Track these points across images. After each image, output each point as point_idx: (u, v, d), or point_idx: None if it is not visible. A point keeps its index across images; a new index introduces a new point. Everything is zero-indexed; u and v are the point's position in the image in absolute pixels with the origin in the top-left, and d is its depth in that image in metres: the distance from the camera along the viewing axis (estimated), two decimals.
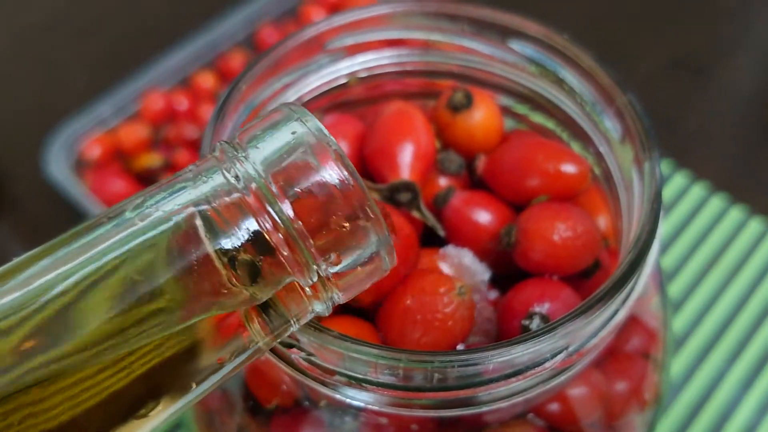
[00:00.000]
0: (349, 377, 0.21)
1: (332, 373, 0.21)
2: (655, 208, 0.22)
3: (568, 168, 0.25)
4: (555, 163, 0.25)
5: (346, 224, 0.17)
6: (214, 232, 0.17)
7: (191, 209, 0.17)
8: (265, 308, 0.18)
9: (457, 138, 0.28)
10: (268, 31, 0.58)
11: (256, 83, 0.25)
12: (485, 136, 0.28)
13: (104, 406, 0.15)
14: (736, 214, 0.46)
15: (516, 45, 0.27)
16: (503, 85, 0.28)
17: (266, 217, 0.17)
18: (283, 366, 0.22)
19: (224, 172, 0.17)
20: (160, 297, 0.16)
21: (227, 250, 0.17)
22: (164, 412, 0.16)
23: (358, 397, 0.21)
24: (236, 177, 0.17)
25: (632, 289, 0.22)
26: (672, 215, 0.46)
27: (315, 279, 0.17)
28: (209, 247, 0.16)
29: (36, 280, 0.15)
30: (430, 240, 0.26)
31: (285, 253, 0.17)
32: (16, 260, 0.16)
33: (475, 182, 0.27)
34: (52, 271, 0.16)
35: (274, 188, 0.17)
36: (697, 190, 0.47)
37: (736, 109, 0.56)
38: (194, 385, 0.17)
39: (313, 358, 0.21)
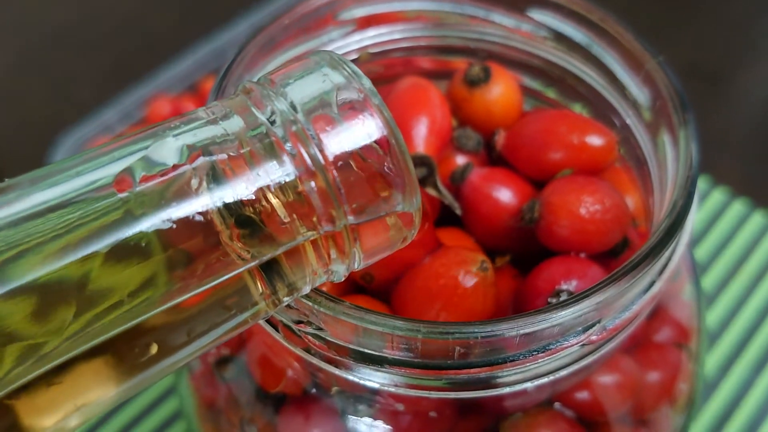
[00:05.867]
0: (363, 354, 0.19)
1: (344, 351, 0.19)
2: (693, 171, 0.20)
3: (594, 140, 0.24)
4: (579, 135, 0.24)
5: (380, 179, 0.16)
6: (222, 179, 0.15)
7: (206, 151, 0.15)
8: (269, 269, 0.16)
9: (474, 114, 0.26)
10: None
11: (261, 55, 0.24)
12: (504, 112, 0.26)
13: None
14: (758, 218, 0.45)
15: (536, 14, 0.25)
16: (522, 59, 0.27)
17: (301, 162, 0.15)
18: (291, 346, 0.20)
19: (255, 110, 0.16)
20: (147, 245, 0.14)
21: (235, 203, 0.15)
22: (159, 362, 0.15)
23: (372, 378, 0.20)
24: (271, 116, 0.16)
25: (669, 260, 0.20)
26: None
27: (341, 230, 0.16)
28: (212, 198, 0.15)
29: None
30: (446, 219, 0.25)
31: (316, 203, 0.16)
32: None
33: (494, 160, 0.26)
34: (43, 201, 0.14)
35: (312, 132, 0.16)
36: (718, 196, 0.47)
37: (753, 115, 0.56)
38: (186, 336, 0.15)
39: (323, 334, 0.19)
